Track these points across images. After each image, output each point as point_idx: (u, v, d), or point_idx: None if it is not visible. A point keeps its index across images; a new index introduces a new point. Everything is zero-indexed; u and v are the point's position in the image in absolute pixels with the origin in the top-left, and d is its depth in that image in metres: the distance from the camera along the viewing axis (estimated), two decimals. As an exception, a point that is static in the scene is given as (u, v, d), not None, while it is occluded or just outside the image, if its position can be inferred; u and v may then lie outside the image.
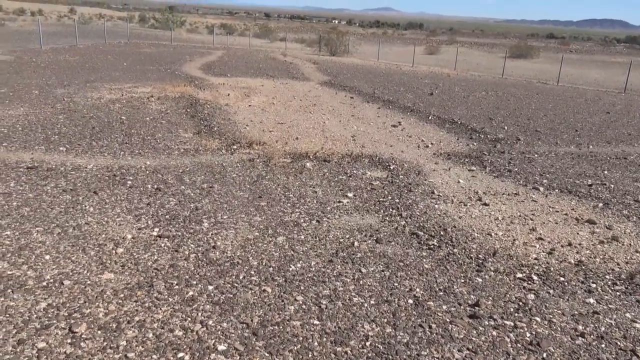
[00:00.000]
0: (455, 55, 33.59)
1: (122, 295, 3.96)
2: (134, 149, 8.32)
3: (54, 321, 3.57)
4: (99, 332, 3.48)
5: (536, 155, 9.78)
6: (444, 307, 4.09)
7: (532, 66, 37.12)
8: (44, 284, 4.05)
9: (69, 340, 3.37)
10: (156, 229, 5.24)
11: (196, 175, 7.19)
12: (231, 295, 4.05)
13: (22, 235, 4.90)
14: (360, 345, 3.51)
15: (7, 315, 3.60)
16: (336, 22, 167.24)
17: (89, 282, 4.13)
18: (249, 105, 13.14)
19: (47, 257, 4.50)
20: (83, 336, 3.42)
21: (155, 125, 10.06)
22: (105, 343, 3.37)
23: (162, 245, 4.90)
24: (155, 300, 3.92)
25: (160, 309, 3.80)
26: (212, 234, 5.22)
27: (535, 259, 5.19)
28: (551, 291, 4.51)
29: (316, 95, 15.90)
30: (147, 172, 7.17)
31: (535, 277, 4.75)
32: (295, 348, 3.44)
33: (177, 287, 4.14)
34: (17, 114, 10.00)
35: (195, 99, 13.32)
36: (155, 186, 6.58)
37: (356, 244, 5.25)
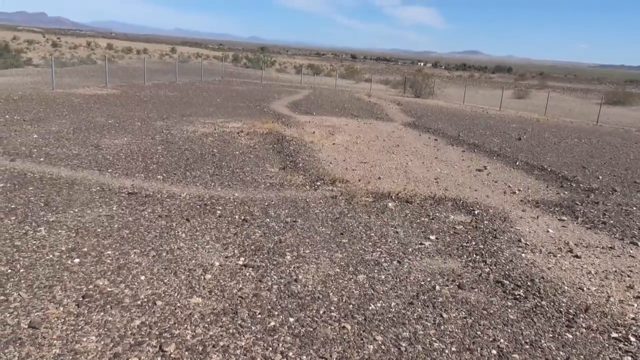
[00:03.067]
0: (546, 100, 32.48)
1: (208, 320, 4.14)
2: (224, 180, 8.74)
3: (147, 339, 3.80)
4: (187, 353, 3.66)
5: (635, 208, 9.17)
6: (531, 361, 3.91)
7: (630, 114, 35.04)
8: (139, 302, 4.33)
9: (159, 359, 3.57)
10: (242, 259, 5.45)
11: (281, 209, 7.42)
12: (311, 329, 4.11)
13: (122, 255, 5.28)
14: (440, 393, 3.42)
15: (106, 330, 3.88)
16: (422, 64, 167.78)
17: (178, 304, 4.36)
18: (333, 144, 13.41)
19: (143, 277, 4.82)
20: (172, 356, 3.61)
21: (244, 159, 10.52)
22: (191, 364, 3.53)
23: (247, 274, 5.08)
24: (239, 328, 4.06)
25: (244, 336, 3.93)
26: (294, 267, 5.35)
27: (633, 318, 4.84)
28: (651, 356, 4.18)
29: (399, 136, 15.95)
30: (235, 203, 7.50)
31: (632, 339, 4.43)
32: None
33: (259, 316, 4.27)
34: (122, 144, 10.86)
35: (282, 135, 13.79)
36: (242, 217, 6.86)
37: (437, 287, 5.16)
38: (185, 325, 4.02)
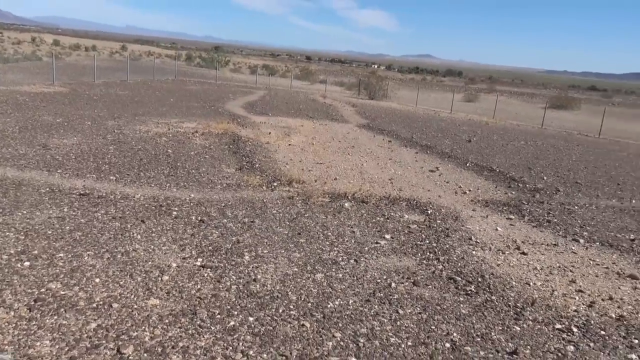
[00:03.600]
0: (495, 103, 33.63)
1: (167, 321, 4.12)
2: (179, 181, 8.64)
3: (104, 341, 3.74)
4: (145, 355, 3.63)
5: (576, 207, 9.66)
6: (482, 353, 4.09)
7: (572, 117, 36.74)
8: (94, 305, 4.25)
9: (117, 361, 3.52)
10: (200, 259, 5.43)
11: (238, 209, 7.41)
12: (271, 328, 4.16)
13: (75, 258, 5.15)
14: (397, 385, 3.55)
15: (60, 333, 3.79)
16: (375, 66, 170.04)
17: (135, 306, 4.31)
18: (289, 145, 13.46)
19: (97, 280, 4.72)
20: (130, 358, 3.57)
21: (200, 160, 10.43)
22: (150, 366, 3.50)
23: (205, 275, 5.07)
24: (199, 328, 4.06)
25: (203, 337, 3.93)
26: (252, 267, 5.37)
27: (575, 311, 5.13)
28: (591, 344, 4.45)
29: (354, 138, 16.16)
30: (192, 204, 7.44)
31: (575, 329, 4.70)
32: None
33: (219, 316, 4.28)
34: (71, 143, 10.54)
35: (238, 136, 13.73)
36: (199, 218, 6.82)
37: (393, 285, 5.30)
38: (143, 327, 3.98)
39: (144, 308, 4.29)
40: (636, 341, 4.59)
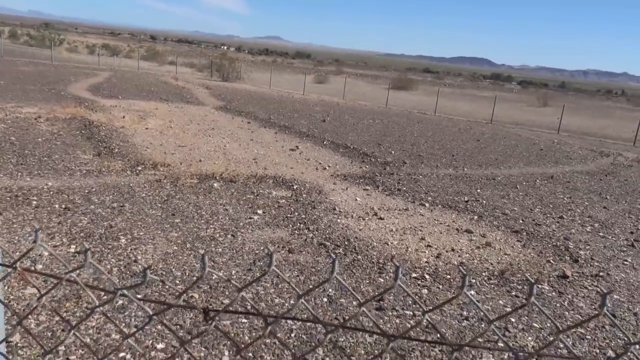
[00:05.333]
0: (343, 85, 35.49)
1: (50, 307, 4.04)
2: (32, 169, 8.08)
3: (-17, 334, 3.60)
4: (33, 341, 3.58)
5: (421, 177, 10.91)
6: (354, 303, 4.67)
7: (412, 97, 40.23)
8: (-37, 301, 4.01)
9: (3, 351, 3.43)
10: (73, 246, 5.30)
11: (104, 195, 7.21)
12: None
13: None
14: (286, 336, 3.96)
15: None
16: (225, 48, 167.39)
17: (12, 296, 4.15)
18: (146, 128, 13.09)
19: (-40, 275, 4.41)
20: (19, 344, 3.50)
21: (50, 147, 9.76)
22: (42, 350, 3.48)
23: (82, 260, 4.97)
24: (86, 310, 4.06)
25: (93, 317, 3.96)
26: (131, 249, 5.39)
27: (426, 262, 6.00)
28: (440, 286, 5.30)
29: (213, 120, 16.16)
30: (51, 192, 7.06)
31: (427, 276, 5.53)
32: (228, 343, 3.80)
33: (105, 297, 4.29)
34: None
35: (89, 120, 12.98)
36: (64, 206, 6.53)
37: (271, 254, 5.69)
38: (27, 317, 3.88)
39: (22, 298, 4.16)
40: (473, 281, 5.56)
